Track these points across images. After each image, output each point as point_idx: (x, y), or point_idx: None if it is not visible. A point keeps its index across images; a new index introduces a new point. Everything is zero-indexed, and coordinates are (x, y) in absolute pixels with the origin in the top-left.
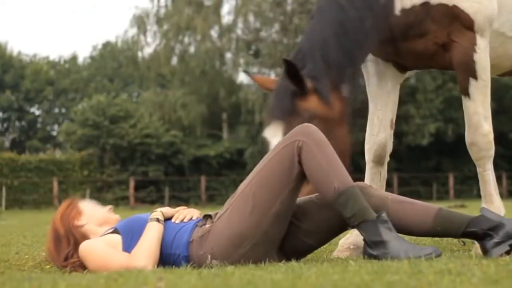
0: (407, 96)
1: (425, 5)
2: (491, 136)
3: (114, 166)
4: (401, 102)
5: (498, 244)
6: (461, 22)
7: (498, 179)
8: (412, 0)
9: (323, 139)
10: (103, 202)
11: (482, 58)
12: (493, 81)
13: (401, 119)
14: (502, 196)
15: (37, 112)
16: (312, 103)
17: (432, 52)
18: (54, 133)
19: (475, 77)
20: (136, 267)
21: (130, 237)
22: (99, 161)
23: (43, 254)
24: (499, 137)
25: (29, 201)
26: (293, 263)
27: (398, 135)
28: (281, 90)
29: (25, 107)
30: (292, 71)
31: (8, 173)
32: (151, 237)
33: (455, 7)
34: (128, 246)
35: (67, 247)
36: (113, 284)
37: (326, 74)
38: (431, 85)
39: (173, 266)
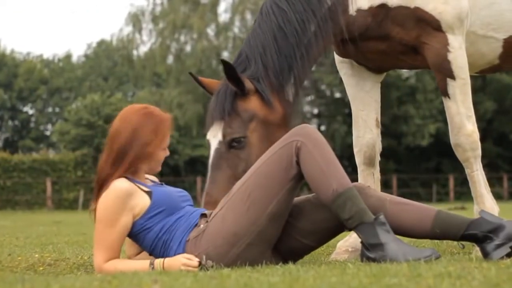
0: (406, 96)
1: (383, 6)
2: (476, 135)
3: None
4: (401, 102)
5: (499, 246)
6: (428, 23)
7: (499, 180)
8: (370, 1)
9: (322, 140)
10: None
11: (458, 57)
12: (494, 81)
13: (401, 119)
14: (503, 198)
15: (30, 111)
16: (252, 103)
17: (399, 53)
18: (48, 133)
19: (453, 77)
20: (95, 262)
21: (158, 210)
22: (93, 162)
23: (36, 255)
24: (500, 138)
25: (21, 202)
26: (291, 265)
27: (397, 136)
28: (222, 92)
29: (18, 106)
30: (230, 72)
31: (0, 173)
32: (132, 266)
33: (417, 9)
34: (152, 217)
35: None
36: (107, 286)
37: (266, 77)
38: (431, 85)
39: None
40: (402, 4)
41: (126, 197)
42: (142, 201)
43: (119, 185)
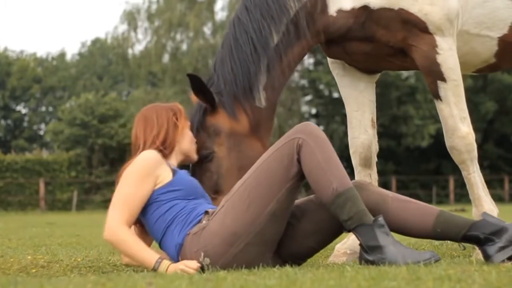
0: (406, 96)
1: (365, 8)
2: (471, 137)
3: (102, 167)
4: (400, 102)
5: (502, 248)
6: (414, 25)
7: (500, 182)
8: (352, 2)
9: (324, 138)
10: (91, 204)
11: (447, 59)
12: (495, 81)
13: (400, 120)
14: (504, 200)
15: (24, 111)
16: (218, 118)
17: (386, 55)
18: (41, 133)
19: (444, 79)
20: (108, 222)
21: (176, 188)
22: (87, 162)
23: (29, 257)
24: (501, 139)
25: (14, 203)
26: (288, 268)
27: (397, 136)
28: (195, 109)
29: (11, 105)
30: (197, 86)
31: None
32: (139, 251)
33: (402, 11)
34: (167, 192)
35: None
36: None
37: (227, 88)
38: None
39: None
40: (385, 6)
41: (154, 164)
42: (165, 174)
43: (149, 153)
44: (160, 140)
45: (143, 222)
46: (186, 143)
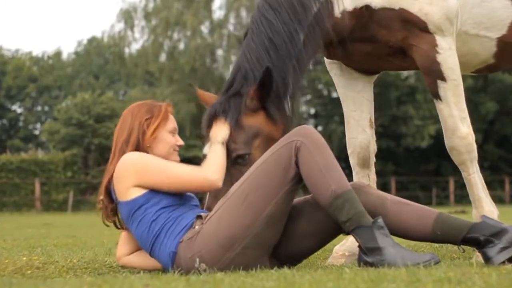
0: (406, 96)
1: (366, 8)
2: (471, 138)
3: (99, 167)
4: (400, 103)
5: (503, 249)
6: (414, 25)
7: (501, 183)
8: (354, 2)
9: (322, 141)
10: (87, 205)
11: (447, 58)
12: (496, 81)
13: (400, 120)
14: (505, 201)
15: (19, 110)
16: (258, 119)
17: (387, 55)
18: (37, 132)
19: (443, 79)
20: (207, 178)
21: (159, 196)
22: (84, 162)
23: (24, 258)
24: (502, 140)
25: (9, 203)
26: (286, 270)
27: (396, 137)
28: (224, 101)
29: (6, 105)
30: (264, 82)
31: None
32: (219, 155)
33: (403, 10)
34: (154, 197)
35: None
36: None
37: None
38: None
39: (153, 250)
40: (386, 6)
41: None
42: None
43: (130, 154)
44: (130, 148)
45: (130, 231)
46: (161, 149)
